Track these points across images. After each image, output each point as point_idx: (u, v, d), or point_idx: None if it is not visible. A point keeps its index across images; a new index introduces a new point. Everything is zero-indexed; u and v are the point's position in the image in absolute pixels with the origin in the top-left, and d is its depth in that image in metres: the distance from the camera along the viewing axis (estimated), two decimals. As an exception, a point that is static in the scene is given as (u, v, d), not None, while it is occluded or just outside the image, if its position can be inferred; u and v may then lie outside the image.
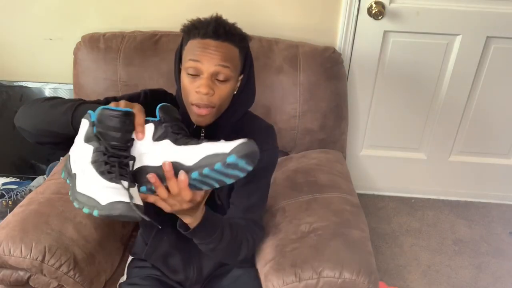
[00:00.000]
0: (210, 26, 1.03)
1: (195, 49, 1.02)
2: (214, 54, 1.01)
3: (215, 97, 1.03)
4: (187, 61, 1.02)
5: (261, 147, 1.11)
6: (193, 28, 1.05)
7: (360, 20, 1.77)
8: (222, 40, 1.02)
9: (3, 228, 1.20)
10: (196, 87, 1.02)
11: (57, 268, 1.15)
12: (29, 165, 2.07)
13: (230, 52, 1.03)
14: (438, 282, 1.80)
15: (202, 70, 1.01)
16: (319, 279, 1.13)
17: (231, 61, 1.03)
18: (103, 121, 0.88)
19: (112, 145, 0.87)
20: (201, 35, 1.02)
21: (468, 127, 2.04)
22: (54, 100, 1.02)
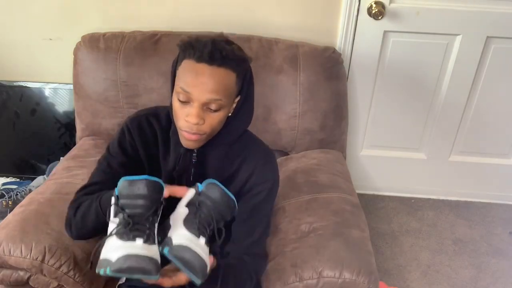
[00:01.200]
0: (206, 49, 0.95)
1: (188, 74, 0.97)
2: (207, 83, 0.95)
3: (205, 126, 0.99)
4: (179, 86, 0.98)
5: (260, 177, 1.11)
6: (189, 47, 0.98)
7: (360, 20, 1.77)
8: (217, 65, 0.95)
9: (3, 228, 1.20)
10: (185, 114, 0.98)
11: (57, 268, 1.15)
12: (29, 165, 2.07)
13: (225, 78, 0.97)
14: (438, 282, 1.80)
15: (193, 99, 0.97)
16: (319, 279, 1.13)
17: (224, 91, 0.98)
18: (122, 192, 0.91)
19: (132, 213, 0.90)
20: (196, 57, 0.96)
21: (468, 127, 2.04)
22: (80, 210, 1.07)
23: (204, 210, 0.94)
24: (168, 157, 1.13)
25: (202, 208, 0.94)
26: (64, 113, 1.97)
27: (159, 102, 1.58)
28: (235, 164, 1.12)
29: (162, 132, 1.14)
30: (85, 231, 1.09)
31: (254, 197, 1.12)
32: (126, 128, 1.13)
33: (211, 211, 0.94)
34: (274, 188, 1.15)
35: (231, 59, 0.97)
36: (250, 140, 1.16)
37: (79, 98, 1.65)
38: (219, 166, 1.12)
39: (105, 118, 1.64)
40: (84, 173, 1.44)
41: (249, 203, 1.12)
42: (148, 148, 1.13)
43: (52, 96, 1.95)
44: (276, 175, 1.16)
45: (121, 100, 1.61)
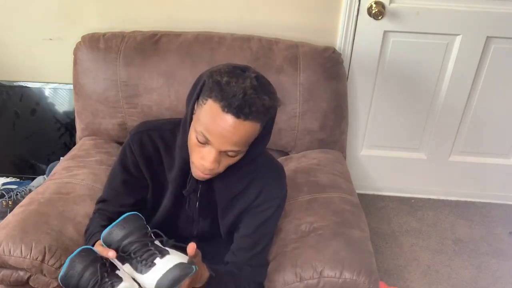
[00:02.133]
0: (235, 101, 0.88)
1: (213, 119, 0.90)
2: (230, 137, 0.91)
3: (219, 168, 0.98)
4: (199, 127, 0.93)
5: (270, 195, 1.12)
6: (218, 88, 0.90)
7: (360, 20, 1.77)
8: (244, 119, 0.89)
9: (3, 228, 1.20)
10: (201, 155, 0.96)
11: (57, 268, 1.15)
12: (29, 165, 2.07)
13: (249, 131, 0.92)
14: (438, 282, 1.80)
15: (213, 144, 0.93)
16: (320, 279, 1.13)
17: (246, 142, 0.95)
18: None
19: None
20: (223, 104, 0.89)
21: (468, 127, 2.04)
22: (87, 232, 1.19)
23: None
24: (173, 172, 1.13)
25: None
26: (64, 113, 1.97)
27: (159, 102, 1.58)
28: (245, 182, 1.12)
29: (165, 147, 1.13)
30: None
31: (261, 214, 1.12)
32: (128, 147, 1.14)
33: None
34: (281, 204, 1.16)
35: (260, 112, 0.91)
36: (261, 157, 1.11)
37: (79, 98, 1.65)
38: (228, 185, 1.12)
39: (105, 118, 1.63)
40: (84, 173, 1.44)
41: (255, 218, 1.13)
42: (150, 165, 1.14)
43: (52, 96, 1.95)
44: (285, 191, 1.16)
45: (121, 100, 1.61)
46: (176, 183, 1.12)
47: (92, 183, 1.41)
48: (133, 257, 0.97)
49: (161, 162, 1.14)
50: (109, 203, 1.19)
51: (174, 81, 1.57)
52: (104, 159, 1.53)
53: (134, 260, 0.97)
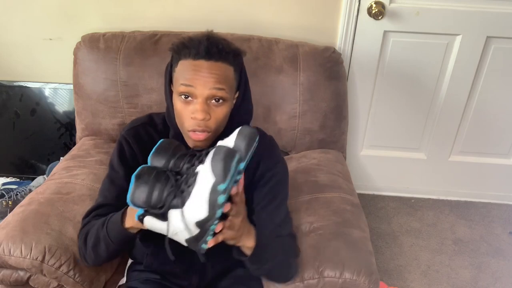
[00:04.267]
0: (201, 45, 0.97)
1: (187, 71, 0.97)
2: (208, 76, 0.96)
3: (211, 121, 1.00)
4: (179, 85, 0.98)
5: (268, 163, 1.11)
6: (183, 47, 0.99)
7: (360, 20, 1.77)
8: (215, 60, 0.97)
9: (3, 228, 1.19)
10: (190, 112, 0.99)
11: (57, 268, 1.15)
12: (29, 165, 2.07)
13: (225, 72, 0.99)
14: (438, 282, 1.80)
15: (196, 94, 0.97)
16: (320, 279, 1.13)
17: (226, 82, 0.99)
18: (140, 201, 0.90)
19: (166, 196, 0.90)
20: (192, 55, 0.97)
21: (468, 127, 2.04)
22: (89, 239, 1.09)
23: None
24: None
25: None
26: (64, 113, 1.97)
27: (159, 102, 1.58)
28: None
29: (160, 137, 1.12)
30: (100, 260, 1.11)
31: (267, 184, 1.12)
32: (124, 139, 1.13)
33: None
34: (283, 169, 1.16)
35: (227, 52, 0.99)
36: None
37: (79, 98, 1.65)
38: None
39: (105, 118, 1.64)
40: (84, 173, 1.44)
41: (263, 190, 1.12)
42: (147, 155, 1.13)
43: (52, 96, 1.95)
44: (281, 157, 1.18)
45: (121, 100, 1.61)
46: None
47: (92, 183, 1.41)
48: (190, 166, 0.93)
49: None
50: (108, 207, 1.12)
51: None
52: (104, 159, 1.53)
53: (191, 168, 0.93)
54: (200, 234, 0.90)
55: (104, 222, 1.05)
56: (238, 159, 0.87)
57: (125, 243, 1.06)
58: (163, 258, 1.19)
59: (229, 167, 0.84)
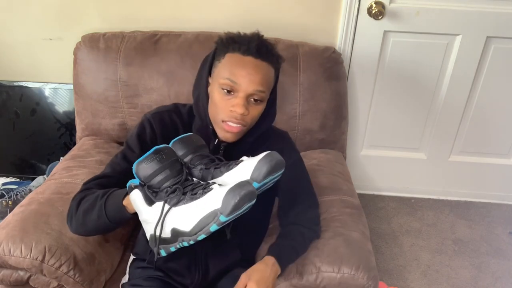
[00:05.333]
0: (253, 43, 1.01)
1: (235, 66, 1.00)
2: (254, 74, 1.00)
3: (248, 117, 1.03)
4: (224, 78, 1.01)
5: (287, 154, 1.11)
6: (232, 41, 1.02)
7: (360, 20, 1.77)
8: (263, 59, 1.01)
9: (3, 228, 1.19)
10: (230, 105, 1.01)
11: (57, 268, 1.15)
12: (29, 165, 2.07)
13: (268, 73, 1.03)
14: (438, 282, 1.80)
15: (239, 90, 1.00)
16: (319, 273, 1.14)
17: (267, 84, 1.03)
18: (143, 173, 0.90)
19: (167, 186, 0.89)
20: (242, 51, 1.01)
21: (468, 127, 2.04)
22: (83, 204, 1.07)
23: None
24: None
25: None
26: (64, 113, 1.97)
27: (159, 102, 1.58)
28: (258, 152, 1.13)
29: (184, 127, 1.15)
30: (84, 229, 1.10)
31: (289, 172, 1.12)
32: (147, 121, 1.14)
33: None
34: (299, 161, 1.20)
35: (274, 55, 1.04)
36: (270, 130, 1.19)
37: (79, 98, 1.65)
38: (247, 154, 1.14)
39: (105, 118, 1.64)
40: (84, 173, 1.44)
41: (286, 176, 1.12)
42: (168, 142, 1.13)
43: (52, 96, 1.95)
44: (296, 149, 1.22)
45: (121, 100, 1.61)
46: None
47: (92, 183, 1.41)
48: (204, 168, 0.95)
49: None
50: (113, 179, 1.11)
51: (174, 81, 1.57)
52: (104, 159, 1.53)
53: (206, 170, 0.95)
54: (167, 240, 0.88)
55: (106, 193, 1.04)
56: (252, 204, 0.84)
57: (116, 220, 1.04)
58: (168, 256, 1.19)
59: (240, 207, 0.82)
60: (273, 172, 0.89)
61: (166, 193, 0.89)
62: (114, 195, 1.03)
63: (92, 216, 1.05)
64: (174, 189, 0.89)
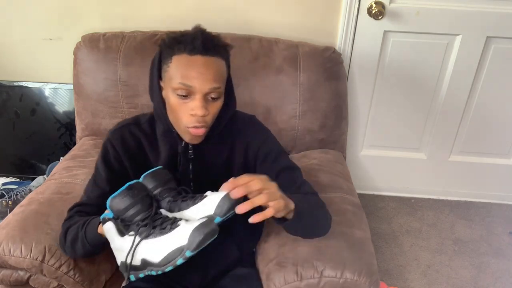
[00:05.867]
0: (197, 40, 0.96)
1: (185, 67, 0.96)
2: (207, 73, 0.96)
3: (209, 117, 1.01)
4: (176, 83, 0.97)
5: (257, 141, 1.13)
6: (176, 42, 0.98)
7: (360, 20, 1.77)
8: (211, 54, 0.97)
9: (3, 228, 1.19)
10: (189, 109, 0.98)
11: (57, 268, 1.15)
12: (29, 165, 2.07)
13: (220, 66, 0.99)
14: (438, 282, 1.80)
15: (195, 92, 0.97)
16: (321, 278, 1.13)
17: (221, 78, 1.00)
18: (116, 208, 0.97)
19: (138, 220, 0.97)
20: (188, 50, 0.96)
21: (468, 127, 2.04)
22: (68, 234, 1.11)
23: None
24: (160, 161, 1.13)
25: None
26: (64, 113, 1.97)
27: (159, 102, 1.58)
28: (228, 144, 1.14)
29: (147, 138, 1.14)
30: (77, 256, 1.15)
31: (266, 159, 1.13)
32: (109, 142, 1.13)
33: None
34: (275, 142, 1.17)
35: (221, 46, 1.00)
36: (232, 117, 1.15)
37: (79, 98, 1.65)
38: (214, 154, 1.13)
39: (105, 118, 1.63)
40: (84, 173, 1.44)
41: (267, 166, 1.13)
42: (133, 158, 1.13)
43: (52, 96, 1.95)
44: (264, 127, 1.18)
45: (121, 100, 1.61)
46: (167, 169, 1.12)
47: (92, 183, 1.41)
48: (172, 201, 1.00)
49: (145, 155, 1.14)
50: (91, 207, 1.14)
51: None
52: (104, 159, 1.53)
53: (173, 203, 1.00)
54: (137, 267, 0.98)
55: (84, 223, 1.08)
56: (214, 238, 0.92)
57: (98, 247, 1.09)
58: None
59: (204, 243, 0.90)
60: (234, 208, 0.93)
61: (138, 226, 0.97)
62: (90, 224, 1.07)
63: (78, 245, 1.09)
64: (145, 223, 0.96)
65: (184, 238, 0.90)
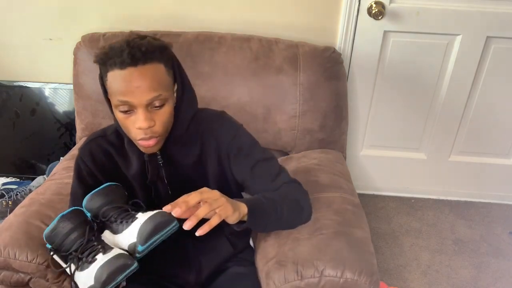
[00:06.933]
0: (124, 52, 0.91)
1: (119, 84, 0.92)
2: (142, 85, 0.92)
3: (157, 126, 0.97)
4: (115, 100, 0.95)
5: (226, 137, 1.12)
6: (106, 58, 0.93)
7: (360, 20, 1.77)
8: (142, 63, 0.92)
9: (6, 230, 1.19)
10: (133, 123, 0.96)
11: (61, 273, 1.15)
12: (29, 165, 2.07)
13: (156, 72, 0.94)
14: (438, 282, 1.80)
15: (135, 105, 0.94)
16: (321, 277, 1.13)
17: (160, 84, 0.95)
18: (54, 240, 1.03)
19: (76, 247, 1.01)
20: (118, 65, 0.91)
21: (468, 127, 2.04)
22: None
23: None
24: (131, 170, 1.12)
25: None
26: (64, 113, 1.97)
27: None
28: (197, 143, 1.11)
29: (115, 149, 1.12)
30: None
31: (239, 153, 1.11)
32: (80, 159, 1.12)
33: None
34: (246, 134, 1.15)
35: (152, 51, 0.94)
36: (198, 116, 1.12)
37: (79, 98, 1.65)
38: (184, 155, 1.11)
39: (105, 118, 1.63)
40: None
41: (240, 160, 1.11)
42: (105, 170, 1.12)
43: (52, 96, 1.95)
44: (238, 124, 1.15)
45: (121, 100, 1.60)
46: (139, 177, 1.11)
47: (92, 183, 1.41)
48: (113, 221, 1.00)
49: (117, 165, 1.12)
50: None
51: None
52: (104, 159, 1.53)
53: (114, 224, 1.00)
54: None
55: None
56: (127, 274, 0.95)
57: None
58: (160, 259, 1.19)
59: (113, 279, 0.93)
60: (158, 231, 0.92)
61: (71, 258, 1.01)
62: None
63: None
64: (74, 256, 1.00)
65: (90, 278, 0.94)
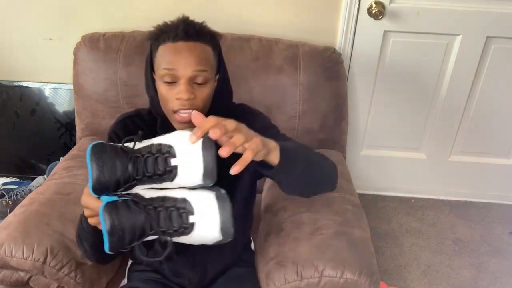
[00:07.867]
0: (179, 28, 1.00)
1: (168, 55, 0.99)
2: (189, 57, 0.97)
3: (197, 100, 1.00)
4: (161, 69, 0.99)
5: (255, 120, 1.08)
6: (161, 33, 1.01)
7: (360, 20, 1.77)
8: (194, 40, 0.99)
9: (5, 228, 1.19)
10: (175, 94, 0.99)
11: (58, 269, 1.15)
12: (29, 165, 2.07)
13: (205, 52, 1.01)
14: (438, 282, 1.80)
15: (179, 76, 0.98)
16: (321, 278, 1.13)
17: (206, 63, 1.00)
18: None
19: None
20: (171, 38, 0.99)
21: (468, 127, 2.04)
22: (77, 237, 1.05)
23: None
24: None
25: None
26: (64, 113, 1.97)
27: (159, 102, 1.58)
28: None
29: (148, 128, 1.13)
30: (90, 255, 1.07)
31: (267, 132, 1.06)
32: (113, 133, 1.13)
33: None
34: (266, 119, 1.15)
35: (205, 33, 1.02)
36: (240, 110, 1.16)
37: (79, 98, 1.65)
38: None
39: (105, 118, 1.63)
40: (84, 173, 1.44)
41: (266, 135, 1.08)
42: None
43: (52, 96, 1.95)
44: (259, 111, 1.17)
45: (121, 100, 1.61)
46: None
47: (92, 183, 1.41)
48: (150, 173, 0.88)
49: None
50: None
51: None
52: (104, 159, 1.53)
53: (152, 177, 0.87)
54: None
55: (80, 217, 1.02)
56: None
57: (97, 234, 0.97)
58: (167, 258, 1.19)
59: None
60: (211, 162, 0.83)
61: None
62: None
63: (84, 243, 1.03)
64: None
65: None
